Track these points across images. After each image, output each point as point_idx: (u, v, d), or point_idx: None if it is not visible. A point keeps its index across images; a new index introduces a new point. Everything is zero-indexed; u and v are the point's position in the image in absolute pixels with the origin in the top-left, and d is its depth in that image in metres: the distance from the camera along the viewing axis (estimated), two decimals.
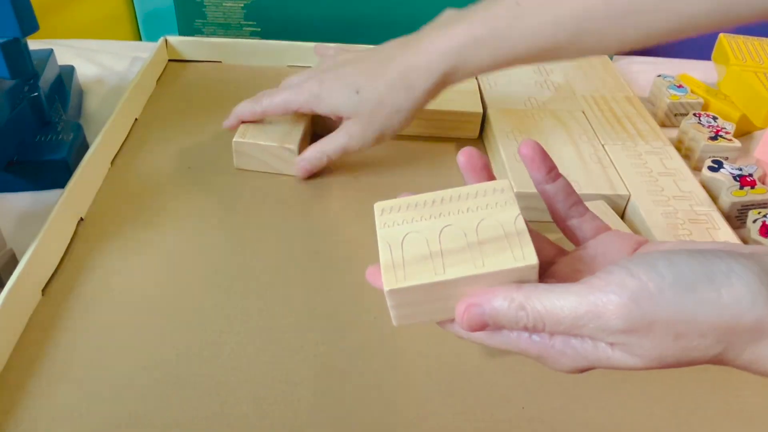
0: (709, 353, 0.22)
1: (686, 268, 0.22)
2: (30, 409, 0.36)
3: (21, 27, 0.50)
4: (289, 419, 0.36)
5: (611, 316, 0.22)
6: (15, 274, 0.40)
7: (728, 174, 0.54)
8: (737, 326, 0.22)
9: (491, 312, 0.25)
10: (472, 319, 0.25)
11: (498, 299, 0.24)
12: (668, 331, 0.22)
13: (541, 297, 0.24)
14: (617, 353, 0.24)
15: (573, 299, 0.23)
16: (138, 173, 0.55)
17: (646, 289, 0.22)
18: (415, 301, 0.26)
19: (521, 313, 0.24)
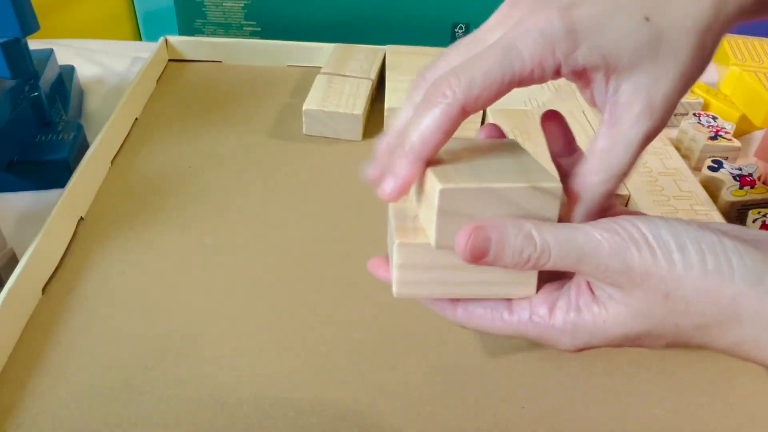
0: (693, 321, 0.23)
1: (683, 231, 0.23)
2: (30, 408, 0.36)
3: (21, 27, 0.50)
4: (289, 419, 0.36)
5: (614, 255, 0.23)
6: (15, 274, 0.40)
7: (728, 174, 0.54)
8: (718, 300, 0.22)
9: (498, 237, 0.24)
10: (476, 242, 0.24)
11: (507, 226, 0.24)
12: (659, 288, 0.23)
13: (552, 228, 0.24)
14: (611, 311, 0.24)
15: (581, 235, 0.24)
16: (138, 173, 0.55)
17: (646, 240, 0.23)
18: (422, 263, 0.26)
19: (528, 242, 0.24)
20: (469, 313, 0.27)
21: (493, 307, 0.27)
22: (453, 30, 0.79)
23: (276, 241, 0.48)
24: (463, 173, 0.25)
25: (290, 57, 0.74)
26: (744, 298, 0.22)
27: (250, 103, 0.66)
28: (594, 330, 0.25)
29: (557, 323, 0.25)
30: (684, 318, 0.23)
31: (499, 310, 0.27)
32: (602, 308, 0.24)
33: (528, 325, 0.26)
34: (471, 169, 0.26)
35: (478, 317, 0.27)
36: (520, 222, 0.24)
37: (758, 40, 0.74)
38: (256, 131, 0.62)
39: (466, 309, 0.27)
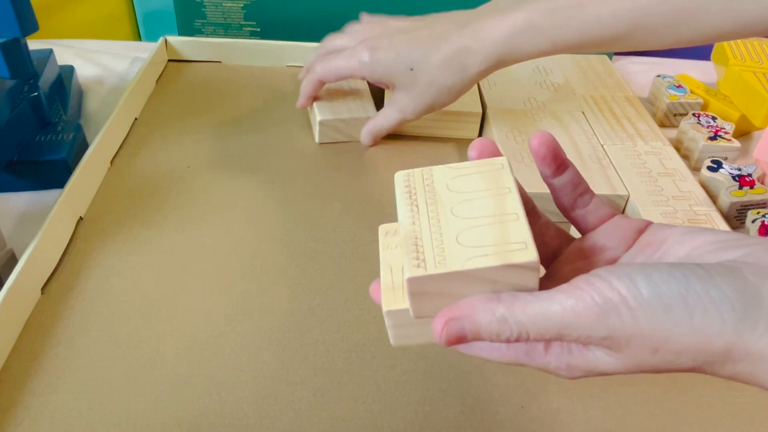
0: (687, 366, 0.23)
1: (664, 286, 0.22)
2: (30, 408, 0.36)
3: (21, 27, 0.50)
4: (289, 419, 0.36)
5: (595, 323, 0.22)
6: (14, 274, 0.40)
7: (727, 174, 0.54)
8: (709, 349, 0.22)
9: (470, 326, 0.24)
10: (450, 334, 0.24)
11: (479, 312, 0.24)
12: (646, 345, 0.22)
13: (524, 307, 0.23)
14: (603, 360, 0.24)
15: (557, 308, 0.23)
16: (137, 173, 0.55)
17: (626, 303, 0.22)
18: (412, 322, 0.26)
19: (504, 326, 0.24)
20: (469, 346, 0.28)
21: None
22: None
23: (276, 241, 0.48)
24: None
25: (290, 57, 0.74)
26: (735, 344, 0.22)
27: (250, 103, 0.66)
28: (588, 368, 0.25)
29: (552, 362, 0.25)
30: (676, 365, 0.23)
31: (497, 343, 0.27)
32: (594, 356, 0.24)
33: (524, 357, 0.26)
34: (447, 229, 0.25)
35: (478, 348, 0.27)
36: (491, 306, 0.24)
37: (758, 40, 0.74)
38: (256, 131, 0.62)
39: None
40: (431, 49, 0.50)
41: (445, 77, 0.50)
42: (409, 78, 0.51)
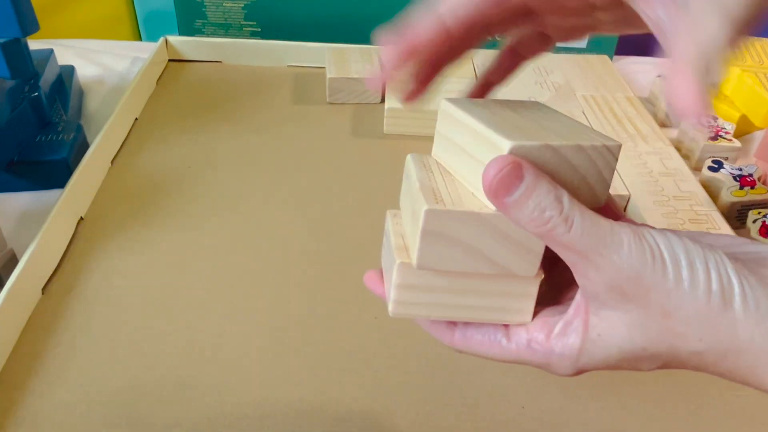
0: (691, 348, 0.23)
1: (693, 251, 0.23)
2: (30, 408, 0.36)
3: (21, 27, 0.50)
4: (289, 419, 0.36)
5: (630, 257, 0.22)
6: (15, 274, 0.40)
7: (728, 174, 0.54)
8: (716, 324, 0.22)
9: (530, 182, 0.23)
10: (508, 176, 0.22)
11: (544, 179, 0.23)
12: (660, 304, 0.22)
13: (582, 208, 0.23)
14: (606, 322, 0.24)
15: (607, 225, 0.23)
16: (138, 173, 0.55)
17: (661, 254, 0.22)
18: (422, 284, 0.26)
19: (556, 205, 0.23)
20: (467, 339, 0.27)
21: (490, 333, 0.27)
22: None
23: (276, 241, 0.48)
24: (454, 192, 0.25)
25: (290, 57, 0.74)
26: (741, 324, 0.22)
27: (250, 103, 0.66)
28: (590, 347, 0.24)
29: (555, 347, 0.25)
30: (681, 341, 0.23)
31: (496, 337, 0.27)
32: (597, 319, 0.24)
33: (526, 352, 0.26)
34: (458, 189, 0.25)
35: (476, 343, 0.27)
36: (555, 184, 0.23)
37: (758, 41, 0.74)
38: (256, 131, 0.62)
39: (464, 334, 0.27)
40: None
41: None
42: None
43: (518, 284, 0.26)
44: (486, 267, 0.25)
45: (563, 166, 0.24)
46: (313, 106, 0.66)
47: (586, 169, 0.24)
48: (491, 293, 0.26)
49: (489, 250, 0.25)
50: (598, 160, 0.24)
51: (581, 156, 0.24)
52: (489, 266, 0.25)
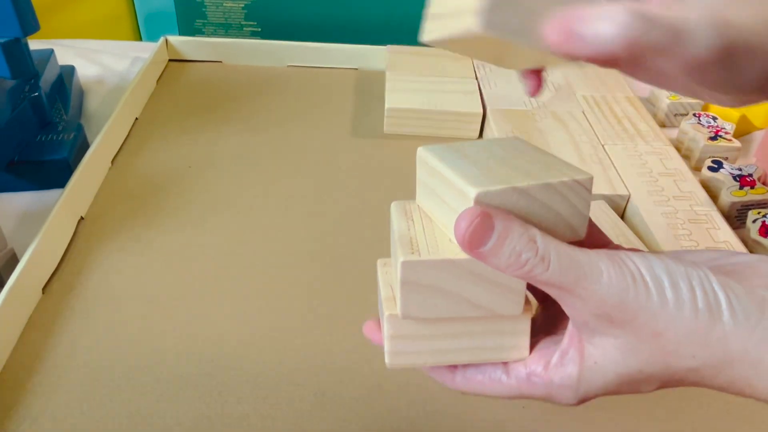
0: (685, 364, 0.23)
1: (677, 274, 0.23)
2: (30, 408, 0.36)
3: (22, 27, 0.50)
4: (290, 419, 0.36)
5: (612, 285, 0.22)
6: (15, 273, 0.40)
7: (728, 174, 0.54)
8: (709, 344, 0.22)
9: (502, 230, 0.23)
10: (478, 229, 0.23)
11: (516, 223, 0.23)
12: (649, 326, 0.22)
13: (556, 242, 0.23)
14: (600, 349, 0.24)
15: (584, 257, 0.23)
16: (138, 173, 0.55)
17: (642, 278, 0.22)
18: (414, 333, 0.26)
19: (530, 246, 0.23)
20: (468, 380, 0.27)
21: (490, 371, 0.27)
22: None
23: (276, 241, 0.48)
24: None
25: (290, 57, 0.74)
26: (732, 337, 0.22)
27: (250, 103, 0.66)
28: (589, 375, 0.24)
29: (554, 378, 0.25)
30: (674, 359, 0.23)
31: (497, 374, 0.27)
32: (592, 347, 0.24)
33: (527, 386, 0.26)
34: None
35: (477, 383, 0.27)
36: (526, 225, 0.23)
37: None
38: (256, 131, 0.62)
39: (464, 376, 0.28)
40: None
41: None
42: None
43: (510, 322, 0.26)
44: (470, 311, 0.25)
45: (534, 205, 0.24)
46: (313, 106, 0.67)
47: (559, 205, 0.24)
48: (484, 334, 0.26)
49: (470, 294, 0.25)
50: (569, 195, 0.24)
51: (551, 193, 0.24)
52: (473, 309, 0.25)
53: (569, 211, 0.25)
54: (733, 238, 0.47)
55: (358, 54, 0.74)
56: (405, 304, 0.25)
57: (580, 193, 0.24)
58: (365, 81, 0.72)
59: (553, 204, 0.24)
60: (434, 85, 0.65)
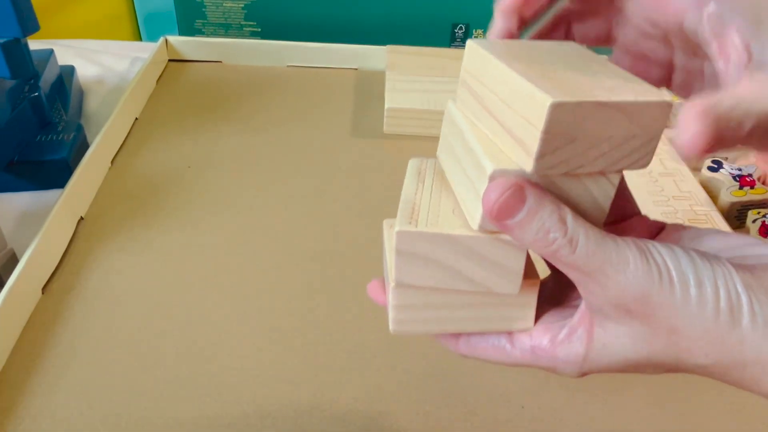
0: (698, 361, 0.23)
1: (701, 267, 0.22)
2: (30, 408, 0.36)
3: (22, 27, 0.50)
4: (289, 419, 0.36)
5: (637, 277, 0.22)
6: (15, 273, 0.40)
7: (728, 174, 0.54)
8: (724, 344, 0.22)
9: (533, 204, 0.22)
10: (510, 199, 0.22)
11: (547, 201, 0.22)
12: (666, 321, 0.22)
13: (586, 224, 0.23)
14: (611, 333, 0.24)
15: (612, 244, 0.22)
16: (138, 173, 0.55)
17: (669, 273, 0.22)
18: (420, 303, 0.26)
19: (560, 226, 0.22)
20: (472, 347, 0.27)
21: (494, 339, 0.27)
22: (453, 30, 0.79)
23: (276, 241, 0.48)
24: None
25: (290, 57, 0.74)
26: (748, 341, 0.22)
27: (249, 103, 0.66)
28: (595, 355, 0.24)
29: (560, 354, 0.25)
30: (686, 355, 0.23)
31: (501, 342, 0.27)
32: (602, 330, 0.24)
33: (531, 357, 0.25)
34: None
35: (480, 350, 0.27)
36: (559, 203, 0.23)
37: None
38: (256, 131, 0.62)
39: (468, 342, 0.27)
40: None
41: None
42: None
43: (516, 295, 0.25)
44: (465, 285, 0.25)
45: (562, 182, 0.23)
46: (313, 107, 0.67)
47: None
48: (489, 305, 0.26)
49: (465, 269, 0.25)
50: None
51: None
52: (468, 284, 0.25)
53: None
54: None
55: (358, 54, 0.74)
56: (399, 271, 0.25)
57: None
58: (365, 81, 0.72)
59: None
60: (434, 85, 0.65)
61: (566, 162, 0.22)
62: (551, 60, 0.24)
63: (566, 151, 0.22)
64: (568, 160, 0.22)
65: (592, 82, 0.22)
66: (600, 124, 0.22)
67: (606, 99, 0.21)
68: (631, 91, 0.22)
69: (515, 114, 0.22)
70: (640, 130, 0.23)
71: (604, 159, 0.23)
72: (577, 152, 0.22)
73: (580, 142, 0.22)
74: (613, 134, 0.22)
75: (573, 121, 0.21)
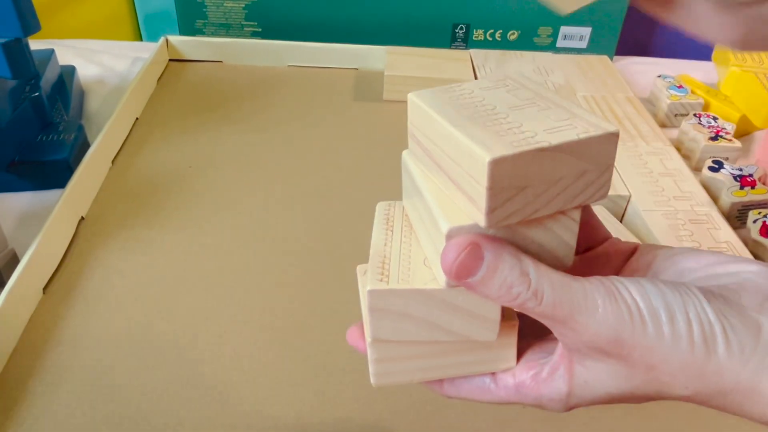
0: (678, 393, 0.23)
1: (672, 302, 0.22)
2: (31, 408, 0.36)
3: (23, 27, 0.50)
4: (290, 419, 0.36)
5: (607, 321, 0.22)
6: (16, 273, 0.40)
7: (728, 174, 0.54)
8: (703, 375, 0.22)
9: (492, 261, 0.22)
10: (467, 259, 0.22)
11: (506, 254, 0.22)
12: (644, 358, 0.22)
13: (550, 273, 0.22)
14: (592, 372, 0.24)
15: (579, 290, 0.22)
16: (138, 173, 0.55)
17: (639, 312, 0.22)
18: (399, 355, 0.26)
19: (522, 280, 0.22)
20: (457, 388, 0.27)
21: (478, 380, 0.27)
22: (453, 30, 0.79)
23: (276, 241, 0.48)
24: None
25: (290, 57, 0.74)
26: (726, 370, 0.21)
27: (250, 103, 0.66)
28: (579, 392, 0.24)
29: (544, 391, 0.25)
30: (667, 388, 0.23)
31: (484, 383, 0.26)
32: (582, 368, 0.24)
33: (515, 395, 0.25)
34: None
35: (466, 391, 0.27)
36: (519, 255, 0.22)
37: None
38: (257, 131, 0.62)
39: (452, 385, 0.27)
40: None
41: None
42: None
43: (478, 311, 0.25)
44: (444, 336, 0.25)
45: (522, 229, 0.22)
46: (313, 106, 0.67)
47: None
48: (470, 351, 0.25)
49: (442, 321, 0.24)
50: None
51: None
52: (446, 335, 0.24)
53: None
54: (734, 239, 0.47)
55: (358, 54, 0.74)
56: (374, 328, 0.25)
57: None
58: (365, 81, 0.72)
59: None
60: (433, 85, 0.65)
61: (521, 210, 0.22)
62: (492, 103, 0.24)
63: (518, 200, 0.21)
64: (522, 209, 0.22)
65: (534, 124, 0.22)
66: (547, 168, 0.21)
67: (547, 144, 0.21)
68: (573, 128, 0.21)
69: (461, 170, 0.22)
70: (590, 164, 0.22)
71: (559, 199, 0.22)
72: (529, 199, 0.21)
73: (531, 189, 0.21)
74: (563, 174, 0.22)
75: (517, 172, 0.21)
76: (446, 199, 0.23)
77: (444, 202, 0.23)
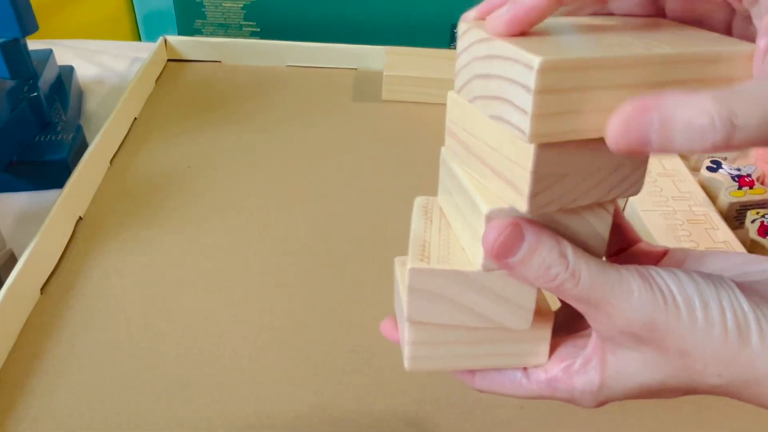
0: (711, 382, 0.23)
1: (705, 290, 0.22)
2: (30, 409, 0.36)
3: (21, 27, 0.50)
4: (290, 419, 0.36)
5: (642, 306, 0.22)
6: (14, 274, 0.40)
7: (727, 174, 0.54)
8: (736, 359, 0.22)
9: (532, 242, 0.22)
10: (509, 239, 0.22)
11: (545, 238, 0.23)
12: (678, 345, 0.22)
13: (587, 257, 0.23)
14: (623, 361, 0.24)
15: (615, 275, 0.22)
16: (137, 173, 0.55)
17: (674, 299, 0.22)
18: (435, 339, 0.26)
19: (561, 261, 0.23)
20: (488, 381, 0.27)
21: (510, 373, 0.27)
22: (452, 30, 0.79)
23: (275, 241, 0.48)
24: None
25: (290, 57, 0.74)
26: (759, 358, 0.22)
27: (249, 103, 0.66)
28: (611, 383, 0.24)
29: (576, 384, 0.25)
30: (700, 376, 0.23)
31: (516, 377, 0.27)
32: (615, 358, 0.24)
33: (547, 390, 0.26)
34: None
35: (497, 384, 0.27)
36: (558, 237, 0.23)
37: None
38: (256, 131, 0.62)
39: (484, 377, 0.28)
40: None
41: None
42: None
43: (530, 330, 0.26)
44: (478, 321, 0.25)
45: (559, 217, 0.23)
46: (312, 107, 0.67)
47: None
48: (503, 341, 0.26)
49: (477, 305, 0.25)
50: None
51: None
52: (480, 321, 0.25)
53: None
54: (732, 239, 0.47)
55: (357, 54, 0.74)
56: (412, 309, 0.25)
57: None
58: (364, 81, 0.72)
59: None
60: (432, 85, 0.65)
61: (560, 198, 0.22)
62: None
63: (558, 188, 0.22)
64: (561, 197, 0.22)
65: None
66: (587, 157, 0.22)
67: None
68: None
69: (503, 157, 0.22)
70: (625, 158, 0.23)
71: (596, 191, 0.23)
72: (568, 188, 0.22)
73: (570, 178, 0.22)
74: (600, 166, 0.22)
75: (560, 158, 0.21)
76: (485, 189, 0.24)
77: (483, 190, 0.24)
